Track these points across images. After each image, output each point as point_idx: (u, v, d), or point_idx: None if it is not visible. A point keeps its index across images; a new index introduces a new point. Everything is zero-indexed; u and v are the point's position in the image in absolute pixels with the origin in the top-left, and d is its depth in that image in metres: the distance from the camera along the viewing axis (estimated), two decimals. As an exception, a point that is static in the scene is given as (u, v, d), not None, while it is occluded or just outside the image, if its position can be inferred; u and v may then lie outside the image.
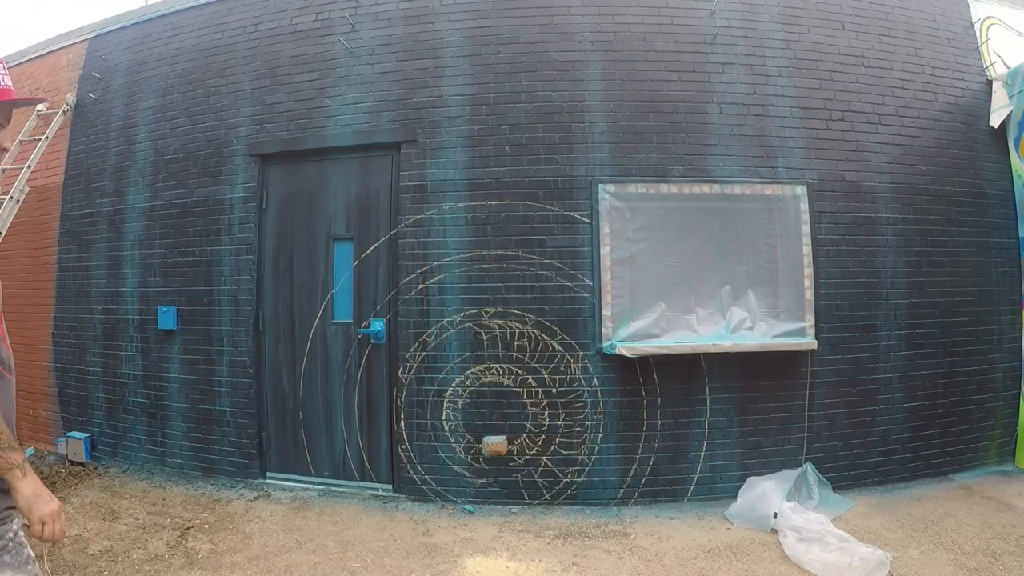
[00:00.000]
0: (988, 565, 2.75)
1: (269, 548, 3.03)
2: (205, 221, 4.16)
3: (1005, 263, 4.14)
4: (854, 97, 3.95)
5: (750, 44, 3.90)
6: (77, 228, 4.66)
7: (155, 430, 4.25)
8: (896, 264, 3.89)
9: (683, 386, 3.64)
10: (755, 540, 3.08)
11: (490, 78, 3.82)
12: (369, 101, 3.93)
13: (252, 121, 4.13)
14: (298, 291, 4.01)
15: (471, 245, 3.70)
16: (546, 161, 3.72)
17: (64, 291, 4.70)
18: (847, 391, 3.77)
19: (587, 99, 3.77)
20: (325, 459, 3.93)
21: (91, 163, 4.66)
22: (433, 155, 3.80)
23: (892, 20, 4.12)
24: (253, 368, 3.99)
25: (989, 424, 4.05)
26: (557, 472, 3.60)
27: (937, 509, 3.42)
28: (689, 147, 3.75)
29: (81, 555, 2.92)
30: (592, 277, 3.63)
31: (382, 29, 3.98)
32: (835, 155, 3.86)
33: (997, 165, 4.20)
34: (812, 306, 3.69)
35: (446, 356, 3.69)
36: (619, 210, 3.64)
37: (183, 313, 4.17)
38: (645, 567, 2.83)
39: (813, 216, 3.75)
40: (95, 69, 4.75)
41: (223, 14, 4.37)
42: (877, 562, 2.60)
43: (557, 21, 3.86)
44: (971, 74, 4.25)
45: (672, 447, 3.62)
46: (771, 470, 3.56)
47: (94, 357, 4.51)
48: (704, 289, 3.65)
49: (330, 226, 3.98)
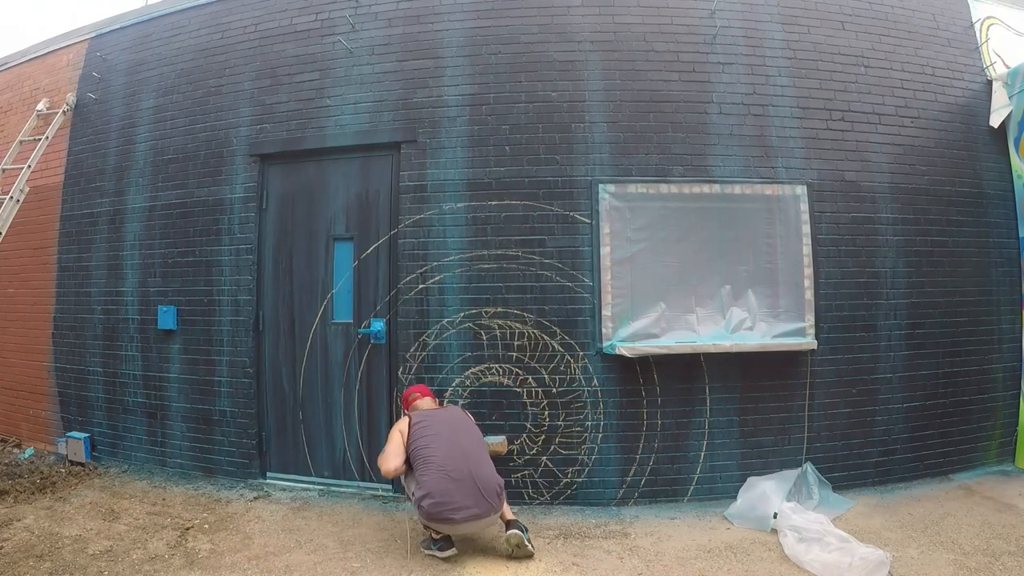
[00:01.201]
0: (988, 565, 2.75)
1: (269, 548, 3.03)
2: (205, 221, 4.16)
3: (1005, 263, 4.14)
4: (854, 97, 3.95)
5: (750, 44, 3.90)
6: (77, 228, 4.66)
7: (155, 430, 4.26)
8: (896, 264, 3.89)
9: (683, 386, 3.64)
10: (755, 540, 3.08)
11: (490, 78, 3.82)
12: (369, 101, 3.93)
13: (252, 121, 4.13)
14: (298, 291, 4.01)
15: (471, 245, 3.70)
16: (546, 161, 3.72)
17: (64, 291, 4.70)
18: (847, 391, 3.77)
19: (587, 99, 3.77)
20: (325, 459, 3.93)
21: (91, 163, 4.66)
22: (433, 155, 3.80)
23: (892, 20, 4.13)
24: (253, 368, 3.99)
25: (989, 424, 4.05)
26: (557, 472, 3.60)
27: (937, 509, 3.42)
28: (689, 147, 3.75)
29: (81, 555, 2.92)
30: (592, 277, 3.63)
31: (382, 29, 3.98)
32: (835, 155, 3.86)
33: (997, 165, 4.20)
34: (812, 306, 3.69)
35: (446, 356, 3.69)
36: (619, 210, 3.64)
37: (183, 313, 4.17)
38: (645, 567, 2.83)
39: (813, 216, 3.75)
40: (95, 69, 4.75)
41: (223, 14, 4.37)
42: (877, 562, 2.60)
43: (557, 21, 3.86)
44: (971, 74, 4.25)
45: (672, 447, 3.62)
46: (771, 470, 3.56)
47: (94, 357, 4.51)
48: (704, 289, 3.65)
49: (330, 226, 3.98)
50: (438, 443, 2.90)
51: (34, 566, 2.79)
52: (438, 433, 2.95)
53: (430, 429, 2.97)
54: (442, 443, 2.90)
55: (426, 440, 2.92)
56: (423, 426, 3.00)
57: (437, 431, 2.97)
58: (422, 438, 2.94)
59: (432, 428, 2.98)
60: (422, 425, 3.00)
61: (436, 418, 3.07)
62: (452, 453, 2.87)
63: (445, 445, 2.90)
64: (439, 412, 3.18)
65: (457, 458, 2.85)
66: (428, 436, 2.94)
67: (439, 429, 2.98)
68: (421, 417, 3.07)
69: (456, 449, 2.89)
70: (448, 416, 3.13)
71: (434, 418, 3.07)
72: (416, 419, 3.06)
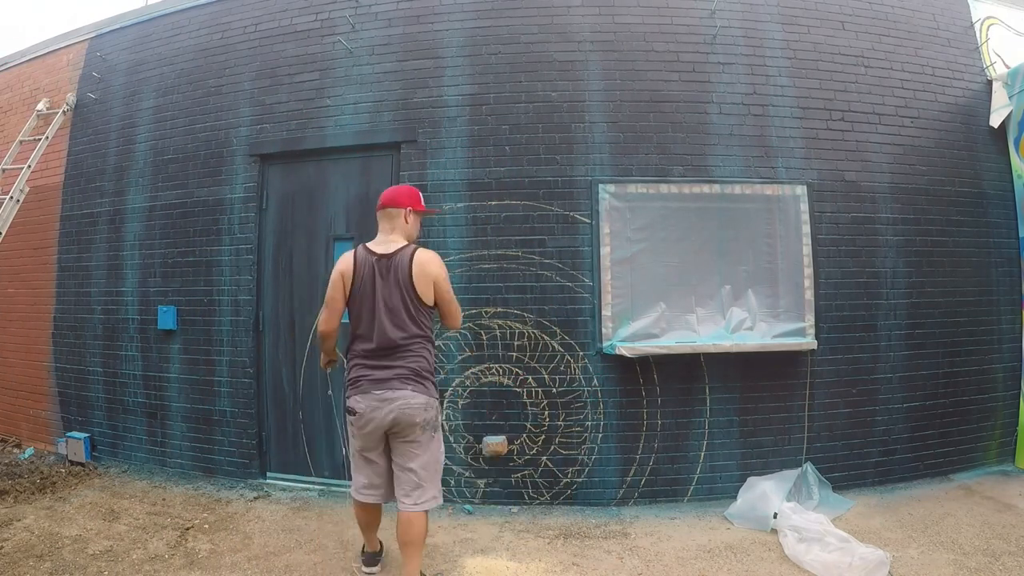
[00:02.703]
0: (988, 565, 2.75)
1: (269, 548, 3.03)
2: (205, 221, 4.16)
3: (1005, 263, 4.14)
4: (854, 97, 3.95)
5: (750, 44, 3.90)
6: (77, 228, 4.66)
7: (155, 430, 4.26)
8: (896, 264, 3.89)
9: (683, 386, 3.64)
10: (755, 540, 3.08)
11: (490, 78, 3.81)
12: (369, 101, 3.93)
13: (252, 121, 4.13)
14: (298, 291, 4.01)
15: (471, 245, 3.70)
16: (546, 161, 3.72)
17: (64, 291, 4.70)
18: (847, 391, 3.77)
19: (587, 99, 3.77)
20: (325, 459, 3.93)
21: (91, 163, 4.66)
22: (433, 155, 3.80)
23: (892, 20, 4.12)
24: (253, 368, 3.99)
25: (989, 424, 4.05)
26: (557, 472, 3.60)
27: (937, 509, 3.42)
28: (689, 147, 3.75)
29: (81, 555, 2.92)
30: (592, 277, 3.63)
31: (382, 29, 3.98)
32: (835, 155, 3.86)
33: (997, 165, 4.20)
34: (812, 306, 3.69)
35: (446, 356, 3.69)
36: (619, 210, 3.64)
37: (183, 313, 4.17)
38: (645, 567, 2.83)
39: (813, 216, 3.74)
40: (95, 69, 4.75)
41: (223, 14, 4.37)
42: (877, 562, 2.60)
43: (557, 21, 3.86)
44: (971, 74, 4.25)
45: (672, 447, 3.62)
46: (771, 470, 3.56)
47: (94, 357, 4.51)
48: (704, 289, 3.65)
49: (330, 226, 3.98)
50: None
51: (34, 566, 2.79)
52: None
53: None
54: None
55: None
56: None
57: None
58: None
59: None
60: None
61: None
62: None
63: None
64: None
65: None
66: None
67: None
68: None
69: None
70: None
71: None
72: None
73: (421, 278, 2.46)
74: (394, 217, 2.57)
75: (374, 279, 2.47)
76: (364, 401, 2.43)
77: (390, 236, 2.55)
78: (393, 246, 2.51)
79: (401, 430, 2.44)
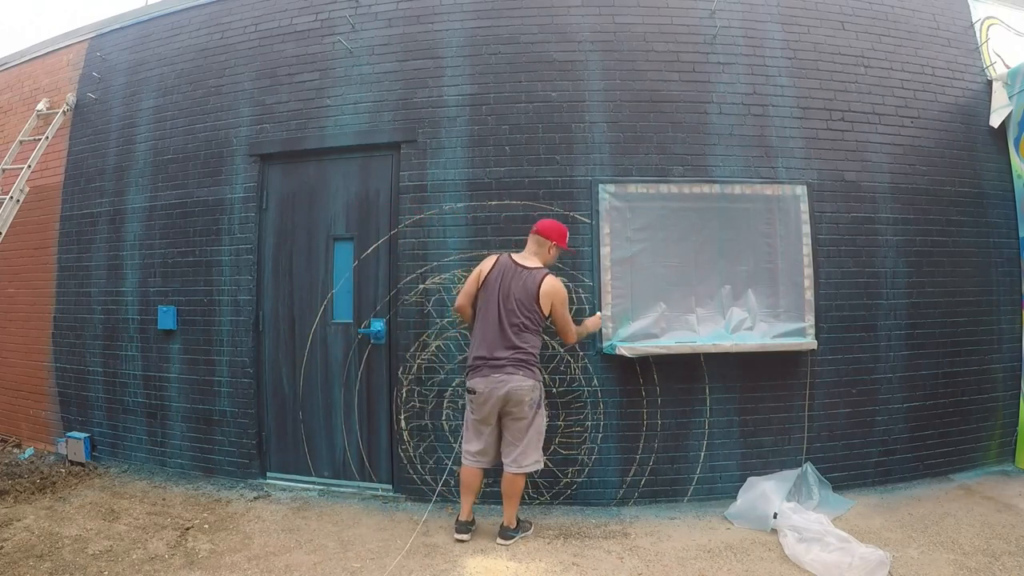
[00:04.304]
0: (988, 565, 2.75)
1: (269, 548, 3.03)
2: (205, 221, 4.16)
3: (1005, 263, 4.14)
4: (854, 97, 3.95)
5: (750, 44, 3.90)
6: (77, 228, 4.66)
7: (155, 430, 4.26)
8: (896, 264, 3.89)
9: (683, 386, 3.64)
10: (755, 540, 3.08)
11: (490, 78, 3.81)
12: (369, 101, 3.93)
13: (252, 121, 4.13)
14: (298, 291, 4.02)
15: (471, 245, 3.70)
16: (546, 161, 3.72)
17: (64, 291, 4.70)
18: (847, 391, 3.77)
19: (587, 99, 3.77)
20: (325, 459, 3.93)
21: (91, 163, 4.66)
22: (433, 155, 3.80)
23: (892, 20, 4.13)
24: (253, 368, 3.99)
25: (989, 424, 4.06)
26: (557, 472, 3.60)
27: (937, 509, 3.42)
28: (689, 147, 3.75)
29: (81, 555, 2.92)
30: (592, 277, 3.63)
31: (382, 29, 3.98)
32: (835, 155, 3.86)
33: (997, 165, 4.20)
34: (812, 306, 3.69)
35: (446, 356, 3.69)
36: (619, 210, 3.64)
37: (183, 313, 4.18)
38: (645, 567, 2.83)
39: (813, 216, 3.74)
40: (95, 69, 4.75)
41: (223, 14, 4.37)
42: (877, 562, 2.60)
43: (557, 21, 3.86)
44: (971, 74, 4.25)
45: (672, 447, 3.62)
46: (771, 470, 3.56)
47: (94, 357, 4.51)
48: (704, 289, 3.65)
49: (330, 226, 3.98)
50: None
51: (34, 566, 2.79)
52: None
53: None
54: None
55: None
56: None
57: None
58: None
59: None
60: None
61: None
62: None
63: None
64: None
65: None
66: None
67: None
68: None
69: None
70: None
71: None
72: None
73: (544, 297, 3.06)
74: (542, 244, 3.20)
75: (504, 280, 3.09)
76: (483, 383, 3.03)
77: (534, 256, 3.19)
78: (532, 263, 3.15)
79: (512, 407, 3.01)
